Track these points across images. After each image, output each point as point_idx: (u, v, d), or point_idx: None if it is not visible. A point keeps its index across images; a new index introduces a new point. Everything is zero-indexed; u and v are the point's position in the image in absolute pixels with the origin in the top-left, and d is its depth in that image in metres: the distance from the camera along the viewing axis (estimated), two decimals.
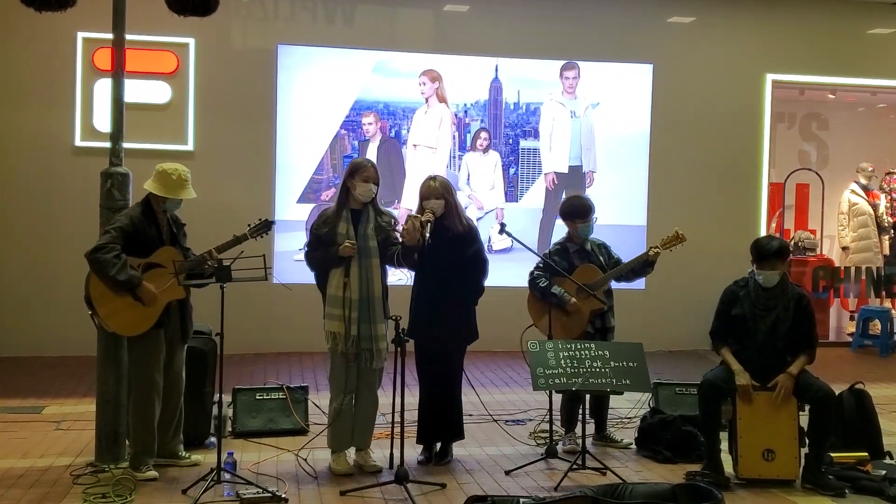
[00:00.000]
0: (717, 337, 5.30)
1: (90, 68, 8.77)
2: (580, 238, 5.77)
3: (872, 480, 5.01)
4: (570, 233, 5.80)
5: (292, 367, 8.35)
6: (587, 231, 5.76)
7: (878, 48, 10.43)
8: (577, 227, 5.73)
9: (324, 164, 9.30)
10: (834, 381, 5.30)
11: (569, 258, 5.73)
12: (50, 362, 8.31)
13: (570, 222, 5.78)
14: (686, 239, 5.72)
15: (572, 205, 5.82)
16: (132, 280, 4.83)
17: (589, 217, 5.74)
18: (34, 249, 8.79)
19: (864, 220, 10.86)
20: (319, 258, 5.13)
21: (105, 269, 4.76)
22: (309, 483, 4.99)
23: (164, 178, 5.00)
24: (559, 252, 5.78)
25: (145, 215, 4.98)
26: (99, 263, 4.77)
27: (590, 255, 5.78)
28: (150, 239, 4.97)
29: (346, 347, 5.05)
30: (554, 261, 5.70)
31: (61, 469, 5.13)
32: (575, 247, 5.78)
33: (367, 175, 5.10)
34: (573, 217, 5.75)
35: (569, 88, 9.76)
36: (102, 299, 4.85)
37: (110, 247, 4.79)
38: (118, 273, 4.77)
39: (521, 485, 5.04)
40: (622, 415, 6.38)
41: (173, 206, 5.08)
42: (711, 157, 9.96)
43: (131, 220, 4.92)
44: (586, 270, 5.69)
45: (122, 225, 4.88)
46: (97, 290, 4.85)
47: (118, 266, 4.77)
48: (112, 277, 4.77)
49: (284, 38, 9.20)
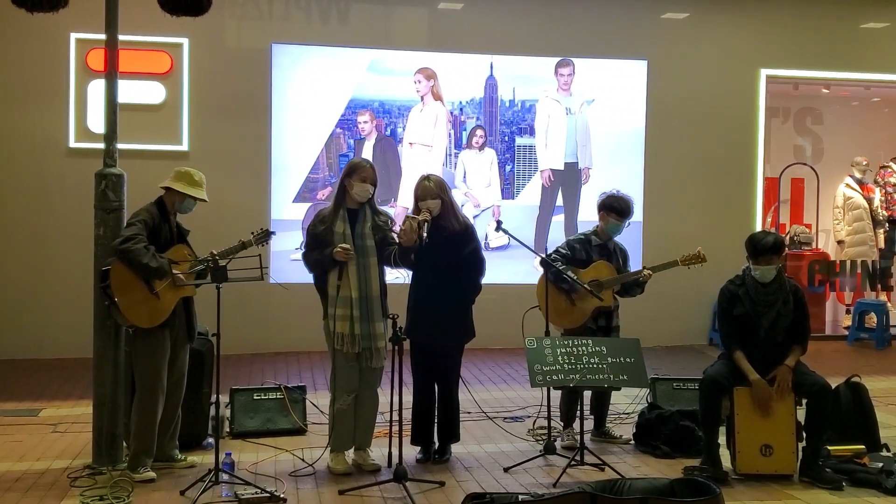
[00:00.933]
0: (731, 340, 5.22)
1: (83, 69, 8.74)
2: (606, 235, 5.77)
3: (869, 473, 5.02)
4: (598, 226, 5.81)
5: (290, 367, 8.34)
6: (615, 230, 5.76)
7: (872, 42, 10.44)
8: (609, 221, 5.72)
9: (319, 163, 9.29)
10: (830, 375, 5.31)
11: (589, 251, 5.75)
12: (46, 364, 8.29)
13: (603, 213, 5.76)
14: (707, 260, 5.68)
15: (615, 199, 5.76)
16: (163, 266, 4.88)
17: (624, 218, 5.73)
18: (29, 251, 8.77)
19: (859, 214, 10.88)
20: (315, 260, 5.12)
21: (139, 257, 4.79)
22: (307, 483, 4.98)
23: (187, 177, 5.08)
24: (581, 241, 5.80)
25: (161, 214, 5.03)
26: (131, 252, 4.80)
27: (611, 254, 5.79)
28: (164, 237, 5.01)
29: (351, 347, 5.05)
30: (574, 248, 5.72)
31: (58, 472, 5.12)
32: (599, 241, 5.78)
33: (364, 175, 5.11)
34: (610, 210, 5.73)
35: (564, 85, 9.76)
36: (122, 289, 4.87)
37: (139, 237, 4.84)
38: (151, 260, 4.82)
39: (520, 481, 5.04)
40: (620, 410, 6.38)
41: (188, 207, 5.13)
42: (706, 153, 9.97)
43: (151, 215, 4.98)
44: (601, 267, 5.70)
45: (145, 218, 4.94)
46: (118, 280, 4.87)
47: (149, 254, 4.83)
48: (146, 265, 4.80)
49: (279, 37, 9.18)
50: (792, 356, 5.12)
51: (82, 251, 4.94)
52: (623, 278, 5.71)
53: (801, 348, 5.18)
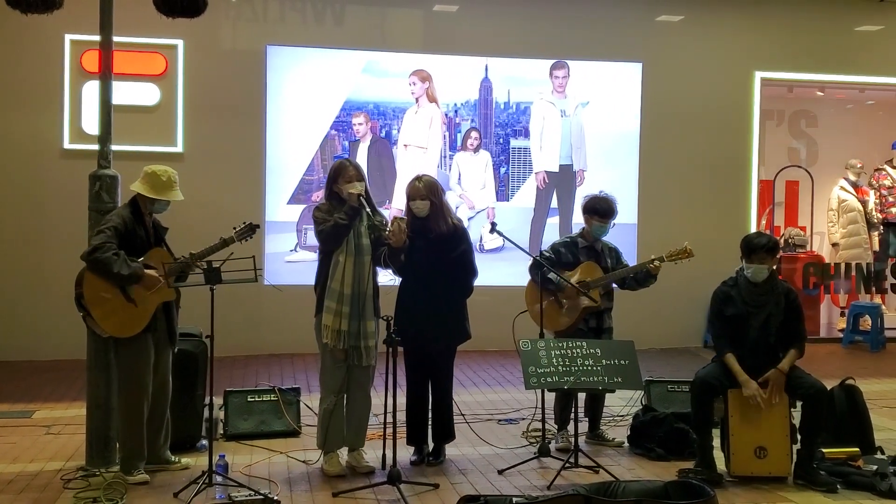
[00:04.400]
0: (722, 342, 5.23)
1: (78, 70, 8.73)
2: (592, 237, 5.78)
3: (864, 476, 5.02)
4: (584, 229, 5.82)
5: (284, 369, 8.32)
6: (601, 231, 5.77)
7: (866, 45, 10.46)
8: (593, 224, 5.73)
9: (314, 165, 9.29)
10: (825, 377, 5.31)
11: (576, 253, 5.75)
12: (40, 366, 8.26)
13: (587, 217, 5.78)
14: (694, 255, 5.69)
15: (596, 201, 5.77)
16: (136, 272, 4.81)
17: (607, 219, 5.73)
18: (23, 253, 8.75)
19: (853, 217, 10.89)
20: (332, 226, 5.01)
21: (108, 267, 4.73)
22: (301, 485, 4.98)
23: (152, 179, 4.99)
24: (567, 244, 5.80)
25: (134, 216, 4.97)
26: (100, 263, 4.74)
27: (599, 255, 5.79)
28: (139, 240, 4.95)
29: (336, 342, 5.03)
30: (560, 252, 5.72)
31: (52, 474, 5.10)
32: (585, 243, 5.79)
33: (349, 175, 5.10)
34: (592, 213, 5.74)
35: (558, 87, 9.76)
36: (96, 301, 4.82)
37: (107, 245, 4.76)
38: (121, 268, 4.76)
39: (514, 484, 5.04)
40: (614, 413, 6.38)
41: (161, 207, 5.06)
42: (701, 155, 9.98)
43: (123, 220, 4.90)
44: (588, 268, 5.70)
45: (115, 224, 4.86)
46: (91, 291, 4.82)
47: (119, 261, 4.76)
48: (117, 274, 4.75)
49: (274, 39, 9.18)
50: (787, 359, 5.12)
51: (77, 253, 4.90)
52: (610, 277, 5.70)
53: (798, 351, 5.16)
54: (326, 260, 5.14)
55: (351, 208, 5.02)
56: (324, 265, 5.16)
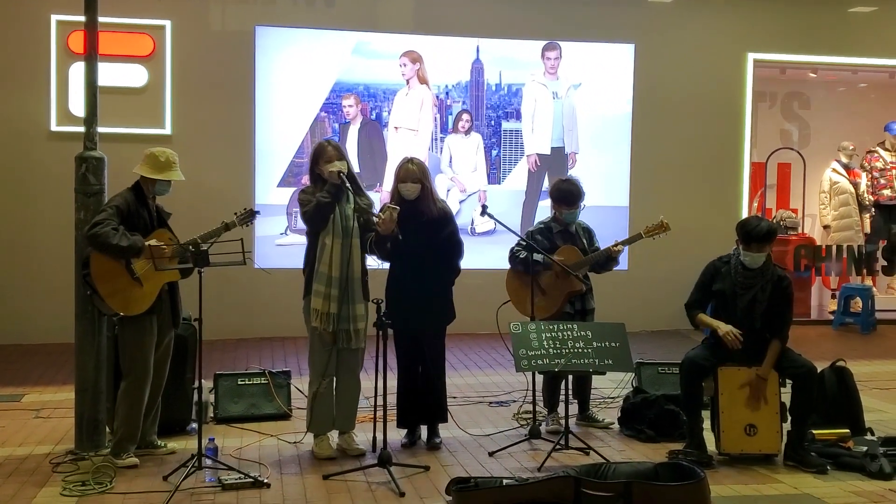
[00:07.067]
0: (693, 308, 5.29)
1: (65, 52, 8.63)
2: (564, 222, 5.76)
3: (854, 457, 5.04)
4: (555, 214, 5.80)
5: (274, 352, 8.31)
6: (572, 217, 5.77)
7: (859, 27, 10.43)
8: (563, 213, 5.74)
9: (304, 148, 9.22)
10: (816, 359, 5.31)
11: (552, 238, 5.74)
12: (28, 350, 8.22)
13: (556, 206, 5.79)
14: (670, 228, 5.72)
15: (560, 190, 5.79)
16: (136, 243, 4.80)
17: (575, 205, 5.73)
18: (11, 235, 8.69)
19: (845, 199, 10.89)
20: (315, 206, 5.00)
21: (108, 240, 4.73)
22: (291, 467, 4.97)
23: (152, 160, 5.00)
24: (542, 231, 5.79)
25: (137, 199, 4.97)
26: (99, 237, 4.74)
27: (574, 237, 5.79)
28: (142, 222, 4.95)
29: (325, 325, 5.00)
30: (536, 239, 5.70)
31: (41, 457, 5.09)
32: (559, 227, 5.78)
33: (329, 156, 5.09)
34: (560, 203, 5.76)
35: (550, 69, 9.71)
36: (103, 278, 4.82)
37: (107, 221, 4.77)
38: (120, 240, 4.75)
39: (505, 466, 5.04)
40: (605, 395, 6.38)
41: (163, 189, 5.06)
42: (693, 137, 9.96)
43: (126, 201, 4.91)
44: (567, 251, 5.69)
45: (118, 204, 4.87)
46: (98, 268, 4.82)
47: (119, 234, 4.76)
48: (116, 245, 4.74)
49: (263, 20, 9.09)
50: (768, 358, 5.07)
51: (65, 235, 4.88)
52: (590, 259, 5.70)
53: (780, 341, 5.14)
54: (314, 242, 5.11)
55: (333, 185, 4.99)
56: (312, 247, 5.13)
